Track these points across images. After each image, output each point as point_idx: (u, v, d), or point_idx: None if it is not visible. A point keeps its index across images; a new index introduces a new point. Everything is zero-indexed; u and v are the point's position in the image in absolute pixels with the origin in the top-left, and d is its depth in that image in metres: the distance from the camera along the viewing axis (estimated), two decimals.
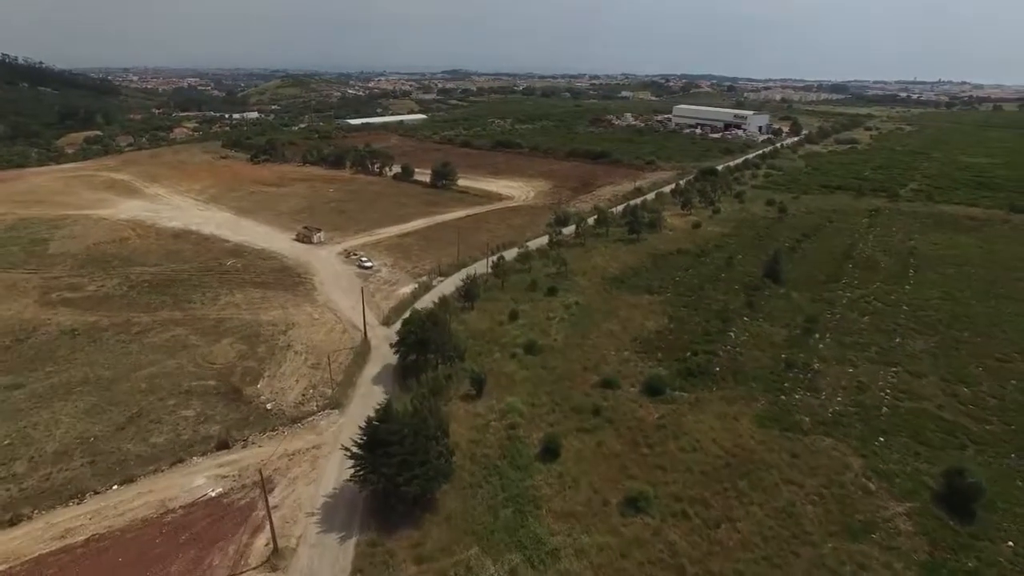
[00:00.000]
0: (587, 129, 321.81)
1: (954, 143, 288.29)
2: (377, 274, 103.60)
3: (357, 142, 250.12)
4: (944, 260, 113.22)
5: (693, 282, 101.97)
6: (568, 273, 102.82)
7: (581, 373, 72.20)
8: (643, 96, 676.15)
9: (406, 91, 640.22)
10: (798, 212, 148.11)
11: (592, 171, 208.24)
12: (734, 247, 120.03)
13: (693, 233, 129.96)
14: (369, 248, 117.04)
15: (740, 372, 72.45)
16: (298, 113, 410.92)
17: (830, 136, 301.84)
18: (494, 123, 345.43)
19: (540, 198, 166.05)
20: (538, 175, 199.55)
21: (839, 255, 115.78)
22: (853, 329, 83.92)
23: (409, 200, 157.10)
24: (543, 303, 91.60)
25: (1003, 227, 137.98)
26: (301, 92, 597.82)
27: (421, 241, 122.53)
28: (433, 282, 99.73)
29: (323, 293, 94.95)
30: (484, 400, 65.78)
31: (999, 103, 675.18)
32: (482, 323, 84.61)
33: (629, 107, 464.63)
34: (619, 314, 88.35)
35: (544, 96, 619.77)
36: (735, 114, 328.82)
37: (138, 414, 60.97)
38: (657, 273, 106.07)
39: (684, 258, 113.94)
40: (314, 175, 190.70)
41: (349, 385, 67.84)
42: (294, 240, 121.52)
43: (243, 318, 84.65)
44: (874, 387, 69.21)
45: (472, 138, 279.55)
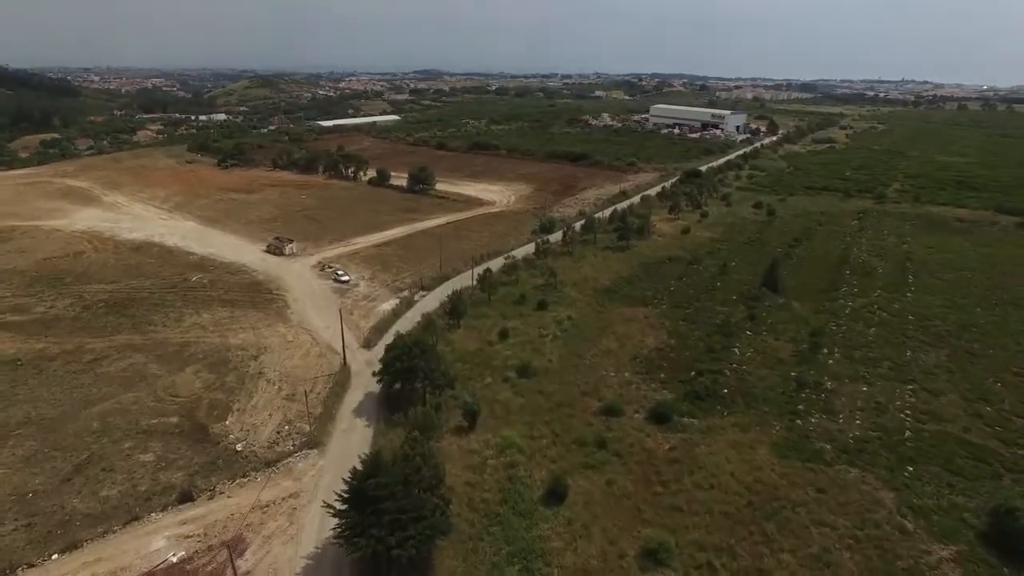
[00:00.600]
0: (564, 130, 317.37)
1: (928, 142, 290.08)
2: (355, 289, 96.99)
3: (329, 145, 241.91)
4: (941, 265, 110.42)
5: (688, 292, 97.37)
6: (558, 284, 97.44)
7: (580, 399, 66.80)
8: (616, 96, 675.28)
9: (378, 91, 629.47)
10: (786, 215, 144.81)
11: (573, 173, 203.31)
12: (726, 253, 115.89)
13: (683, 238, 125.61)
14: (345, 260, 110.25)
15: (750, 393, 67.77)
16: (267, 114, 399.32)
17: (807, 135, 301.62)
18: (469, 124, 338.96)
19: (522, 203, 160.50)
20: (518, 178, 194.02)
21: (834, 261, 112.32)
22: (861, 342, 79.94)
23: (386, 207, 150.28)
24: (534, 319, 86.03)
25: (992, 229, 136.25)
26: (270, 93, 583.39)
27: (400, 251, 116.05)
28: (415, 297, 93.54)
29: (297, 311, 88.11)
30: (478, 433, 59.97)
31: (962, 102, 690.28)
32: (470, 343, 78.72)
33: (604, 107, 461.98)
34: (615, 329, 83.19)
35: (518, 96, 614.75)
36: (712, 113, 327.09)
37: (87, 461, 53.85)
38: (650, 283, 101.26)
39: (677, 266, 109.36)
40: (285, 180, 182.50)
41: (328, 419, 61.48)
42: (265, 252, 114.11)
43: (210, 341, 77.53)
44: (892, 408, 65.03)
45: (447, 139, 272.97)
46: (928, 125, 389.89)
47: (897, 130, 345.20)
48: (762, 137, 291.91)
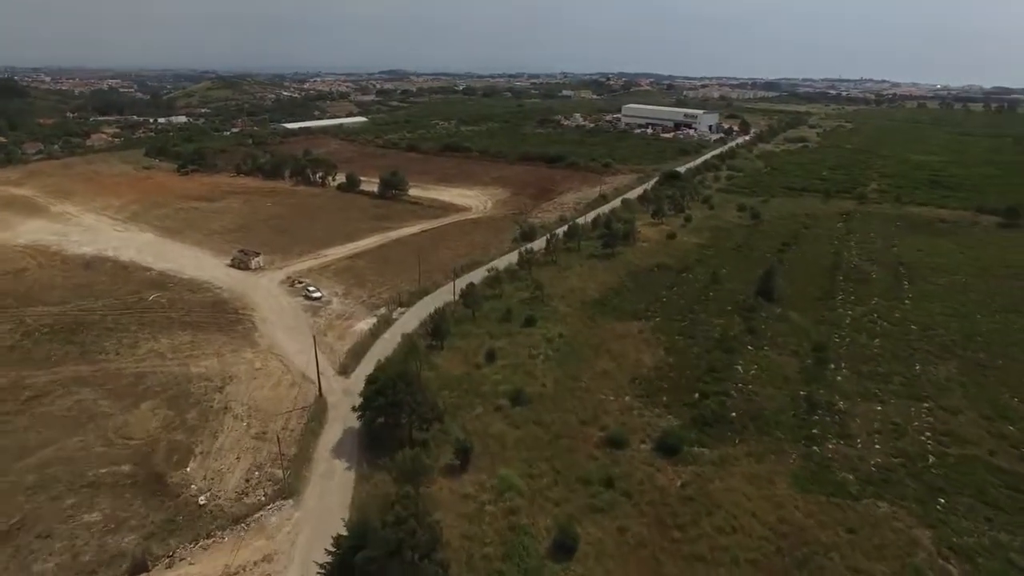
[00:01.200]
0: (536, 130, 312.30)
1: (896, 141, 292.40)
2: (328, 306, 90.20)
3: (295, 148, 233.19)
4: (933, 269, 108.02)
5: (681, 303, 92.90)
6: (544, 297, 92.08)
7: (580, 428, 61.46)
8: (585, 95, 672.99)
9: (344, 92, 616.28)
10: (771, 218, 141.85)
11: (549, 176, 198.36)
12: (716, 260, 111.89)
13: (669, 245, 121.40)
14: (316, 274, 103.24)
15: (759, 417, 63.25)
16: (230, 117, 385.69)
17: (779, 135, 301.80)
18: (438, 125, 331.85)
19: (499, 208, 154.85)
20: (493, 182, 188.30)
21: (826, 266, 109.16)
22: (867, 356, 76.25)
23: (357, 214, 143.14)
24: (522, 337, 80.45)
25: (975, 229, 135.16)
26: (233, 94, 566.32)
27: (375, 263, 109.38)
28: (393, 314, 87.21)
29: (266, 334, 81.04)
30: (473, 474, 54.20)
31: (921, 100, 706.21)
32: (456, 366, 72.80)
33: (574, 107, 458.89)
34: (610, 347, 78.11)
35: (485, 96, 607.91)
36: (685, 113, 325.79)
37: (19, 526, 46.54)
38: (640, 293, 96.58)
39: (666, 275, 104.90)
40: (250, 187, 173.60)
41: (304, 461, 55.02)
42: (229, 266, 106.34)
43: (169, 371, 70.18)
44: (911, 429, 61.14)
45: (417, 141, 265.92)
46: (892, 123, 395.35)
47: (864, 129, 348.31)
48: (735, 136, 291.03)
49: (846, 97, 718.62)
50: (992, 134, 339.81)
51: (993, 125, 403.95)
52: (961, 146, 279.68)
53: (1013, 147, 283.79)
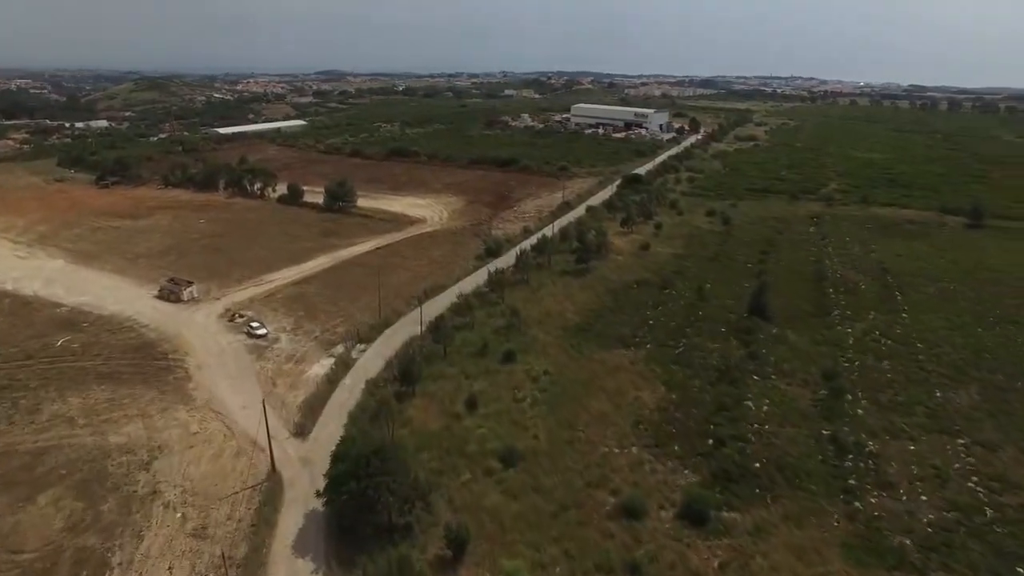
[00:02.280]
0: (483, 132, 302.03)
1: (839, 138, 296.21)
2: (275, 346, 78.23)
3: (230, 155, 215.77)
4: (917, 275, 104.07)
5: (670, 325, 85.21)
6: (521, 325, 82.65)
7: (588, 494, 52.39)
8: (527, 95, 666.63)
9: (279, 94, 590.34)
10: (742, 222, 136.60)
11: (504, 182, 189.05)
12: (696, 273, 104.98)
13: (644, 256, 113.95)
14: (260, 304, 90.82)
15: (786, 466, 55.68)
16: (157, 121, 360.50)
17: (729, 133, 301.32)
18: (382, 128, 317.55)
19: (457, 218, 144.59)
20: (445, 189, 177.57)
21: (811, 276, 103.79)
22: (882, 382, 70.08)
23: (302, 230, 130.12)
24: (503, 376, 70.85)
25: (944, 231, 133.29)
26: (159, 96, 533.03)
27: (326, 288, 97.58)
28: (353, 353, 76.12)
29: (203, 384, 68.71)
30: (469, 568, 44.39)
31: (851, 97, 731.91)
32: (432, 418, 62.59)
33: (519, 106, 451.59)
34: (603, 384, 69.42)
35: (427, 97, 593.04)
36: (635, 112, 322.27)
37: None
38: (623, 315, 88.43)
39: (647, 292, 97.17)
40: (180, 201, 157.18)
41: (257, 566, 43.92)
42: (156, 298, 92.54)
43: (80, 444, 57.41)
44: (954, 473, 54.68)
45: (361, 146, 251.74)
46: (831, 120, 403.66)
47: (807, 126, 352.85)
48: (687, 136, 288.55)
49: (781, 95, 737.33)
50: (922, 131, 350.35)
51: (920, 122, 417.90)
52: (900, 143, 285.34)
53: (944, 144, 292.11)
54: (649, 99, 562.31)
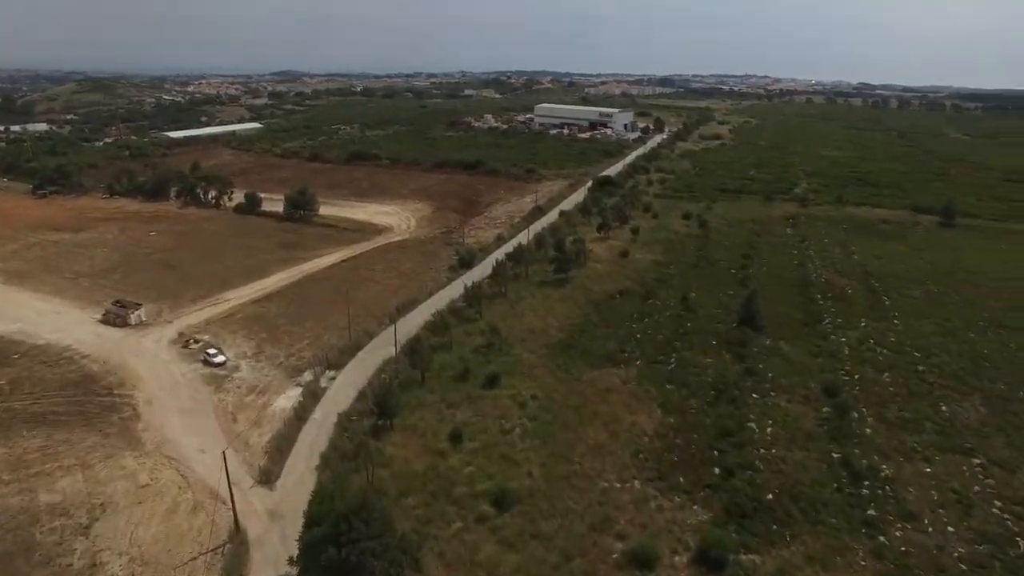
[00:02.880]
0: (446, 133, 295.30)
1: (802, 136, 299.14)
2: (236, 374, 71.18)
3: (182, 161, 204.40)
4: (900, 278, 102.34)
5: (658, 338, 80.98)
6: (503, 344, 77.35)
7: (592, 539, 47.42)
8: (487, 94, 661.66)
9: (233, 96, 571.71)
10: (719, 225, 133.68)
11: (471, 185, 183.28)
12: (679, 280, 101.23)
13: (624, 264, 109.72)
14: (218, 327, 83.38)
15: (800, 496, 51.73)
16: (102, 124, 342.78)
17: (694, 132, 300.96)
18: (341, 130, 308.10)
19: (425, 226, 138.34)
20: (411, 194, 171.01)
21: (796, 281, 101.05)
22: (884, 395, 67.08)
23: (262, 242, 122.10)
24: (488, 402, 65.43)
25: (918, 231, 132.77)
26: (105, 98, 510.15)
27: (290, 307, 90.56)
28: (322, 381, 69.70)
29: (154, 424, 61.48)
30: None
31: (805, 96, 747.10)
32: (414, 456, 56.79)
33: (479, 106, 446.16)
34: (596, 409, 64.61)
35: (386, 97, 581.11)
36: (600, 112, 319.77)
37: None
38: (609, 329, 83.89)
39: (631, 302, 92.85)
40: (127, 212, 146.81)
41: None
42: (100, 323, 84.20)
43: (3, 505, 49.87)
44: (975, 498, 51.55)
45: (321, 150, 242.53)
46: (789, 118, 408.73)
47: (768, 125, 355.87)
48: (652, 135, 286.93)
49: (738, 93, 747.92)
50: (877, 128, 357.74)
51: (874, 120, 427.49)
52: (860, 141, 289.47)
53: (899, 141, 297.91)
54: (610, 98, 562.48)
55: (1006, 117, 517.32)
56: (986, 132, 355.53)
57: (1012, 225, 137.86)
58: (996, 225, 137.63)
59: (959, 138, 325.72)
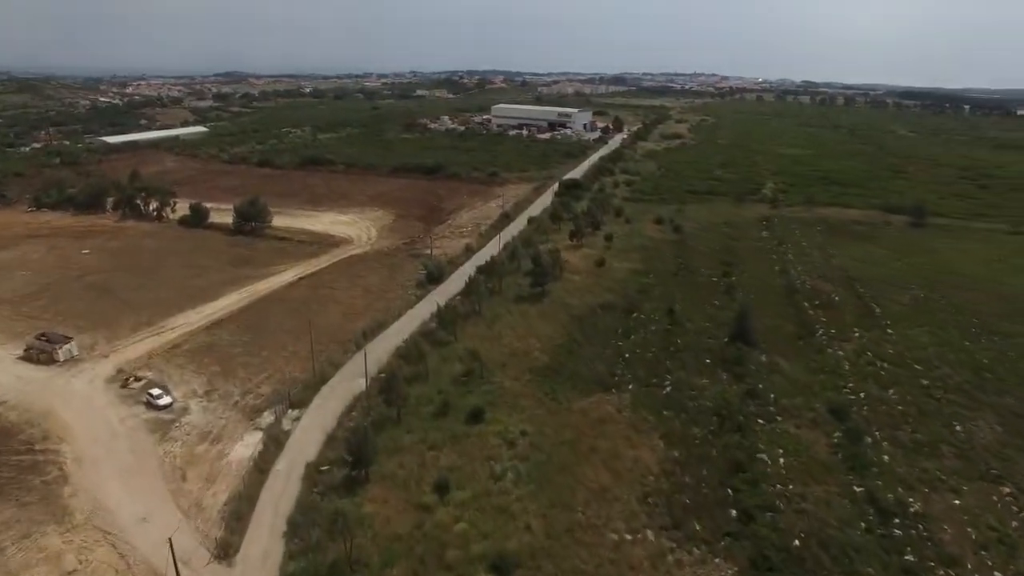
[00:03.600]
0: (401, 135, 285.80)
1: (759, 134, 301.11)
2: (184, 418, 62.65)
3: (120, 169, 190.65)
4: (884, 282, 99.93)
5: (648, 357, 75.76)
6: (483, 370, 70.83)
7: None
8: (440, 94, 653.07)
9: (176, 97, 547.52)
10: (693, 230, 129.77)
11: (432, 190, 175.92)
12: (661, 291, 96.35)
13: (601, 274, 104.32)
14: (162, 360, 74.31)
15: (830, 541, 46.98)
16: (30, 128, 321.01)
17: (653, 131, 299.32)
18: (291, 133, 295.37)
19: (386, 236, 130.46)
20: (370, 201, 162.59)
21: (782, 289, 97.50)
22: (894, 415, 63.26)
23: (210, 259, 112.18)
24: (474, 442, 58.81)
25: (891, 231, 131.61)
26: (33, 99, 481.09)
27: (244, 334, 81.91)
28: (285, 423, 61.89)
29: (85, 487, 52.69)
30: None
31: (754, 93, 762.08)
32: (396, 514, 49.68)
33: (433, 107, 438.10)
34: (593, 444, 58.71)
35: (337, 99, 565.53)
36: (559, 112, 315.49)
37: None
38: (594, 348, 78.23)
39: (614, 317, 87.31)
40: (56, 227, 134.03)
41: None
42: (21, 360, 74.11)
43: None
44: (1018, 537, 47.44)
45: (271, 155, 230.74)
46: (743, 116, 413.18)
47: (724, 123, 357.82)
48: (612, 135, 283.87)
49: (692, 91, 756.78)
50: (828, 126, 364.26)
51: (824, 117, 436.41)
52: (815, 139, 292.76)
53: (852, 139, 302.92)
54: (564, 97, 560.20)
55: (943, 115, 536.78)
56: (930, 129, 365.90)
57: (977, 223, 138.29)
58: (962, 224, 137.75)
59: (906, 135, 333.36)
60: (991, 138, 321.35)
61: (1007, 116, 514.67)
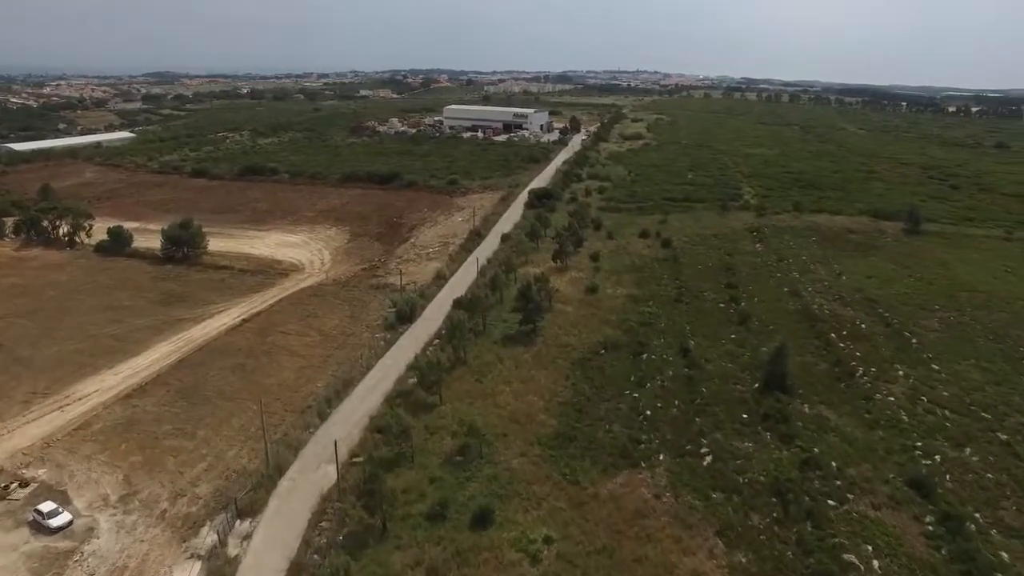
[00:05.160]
0: (349, 140, 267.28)
1: (719, 133, 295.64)
2: (88, 545, 46.61)
3: (28, 181, 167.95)
4: (908, 305, 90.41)
5: (672, 412, 63.66)
6: (481, 448, 57.11)
7: None
8: (384, 94, 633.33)
9: (100, 99, 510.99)
10: (683, 244, 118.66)
11: (389, 203, 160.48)
12: (667, 323, 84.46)
13: (595, 303, 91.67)
14: (63, 449, 57.62)
15: None
16: None
17: (611, 131, 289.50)
18: (228, 139, 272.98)
19: (343, 260, 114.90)
20: (320, 216, 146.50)
21: (799, 316, 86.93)
22: (987, 487, 52.58)
23: (133, 298, 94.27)
24: (486, 559, 45.02)
25: (889, 240, 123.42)
26: None
27: (174, 403, 65.70)
28: (231, 544, 46.66)
29: None
30: None
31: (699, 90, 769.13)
32: None
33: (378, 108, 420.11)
34: (637, 553, 45.80)
35: (277, 100, 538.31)
36: (515, 113, 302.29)
37: None
38: (608, 402, 65.67)
39: (621, 360, 74.69)
40: None
41: None
42: None
43: None
44: None
45: (207, 163, 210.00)
46: (697, 114, 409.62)
47: (680, 121, 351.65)
48: (571, 136, 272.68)
49: (639, 89, 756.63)
50: (780, 123, 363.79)
51: (774, 114, 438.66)
52: (775, 137, 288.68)
53: (809, 136, 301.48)
54: (512, 96, 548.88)
55: (883, 111, 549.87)
56: (878, 126, 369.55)
57: (968, 229, 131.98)
58: (955, 230, 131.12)
59: (857, 132, 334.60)
60: (935, 135, 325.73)
61: (940, 113, 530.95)
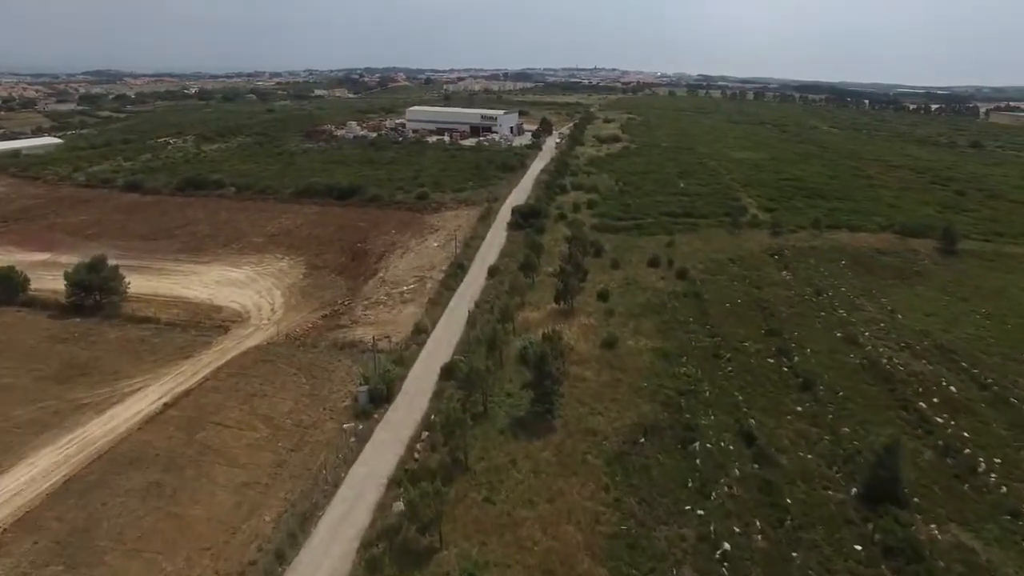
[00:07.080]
0: (304, 146, 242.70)
1: (697, 134, 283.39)
2: None
3: None
4: (990, 355, 74.89)
5: (758, 546, 47.00)
6: None
7: None
8: (340, 94, 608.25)
9: (30, 99, 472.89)
10: (699, 274, 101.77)
11: (351, 223, 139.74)
12: (712, 390, 67.13)
13: (616, 363, 73.50)
14: None
15: None
16: None
17: (586, 133, 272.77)
18: (169, 145, 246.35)
19: (298, 305, 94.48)
20: (271, 243, 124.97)
21: (865, 374, 70.48)
22: None
23: (18, 372, 71.80)
24: None
25: (928, 264, 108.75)
26: None
27: (59, 553, 45.22)
28: None
29: None
30: None
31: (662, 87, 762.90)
32: None
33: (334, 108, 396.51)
34: None
35: (226, 100, 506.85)
36: (482, 115, 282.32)
37: None
38: (664, 525, 48.08)
39: (668, 455, 57.01)
40: None
41: None
42: None
43: None
44: None
45: (142, 174, 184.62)
46: (666, 113, 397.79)
47: (652, 121, 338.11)
48: (543, 139, 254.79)
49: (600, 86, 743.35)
50: (752, 122, 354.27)
51: (742, 112, 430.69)
52: (756, 138, 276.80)
53: (785, 136, 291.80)
54: (474, 95, 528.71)
55: (847, 108, 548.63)
56: (850, 125, 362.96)
57: (1005, 247, 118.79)
58: (991, 248, 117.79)
59: (831, 131, 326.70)
60: (905, 133, 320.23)
61: (901, 111, 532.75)
